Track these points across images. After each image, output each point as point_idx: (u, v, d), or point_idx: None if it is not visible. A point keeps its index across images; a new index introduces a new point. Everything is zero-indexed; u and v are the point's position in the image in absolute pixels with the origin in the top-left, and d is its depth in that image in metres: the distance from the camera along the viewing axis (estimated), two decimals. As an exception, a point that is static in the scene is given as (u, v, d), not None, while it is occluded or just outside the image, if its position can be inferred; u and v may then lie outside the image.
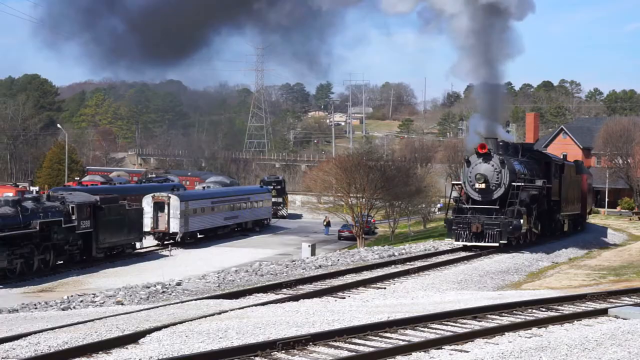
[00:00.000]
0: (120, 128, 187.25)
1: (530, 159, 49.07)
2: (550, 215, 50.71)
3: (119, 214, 42.33)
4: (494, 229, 41.02)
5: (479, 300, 24.90)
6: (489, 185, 41.92)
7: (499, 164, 41.89)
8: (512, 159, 44.67)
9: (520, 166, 45.38)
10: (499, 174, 41.88)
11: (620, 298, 25.74)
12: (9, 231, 34.09)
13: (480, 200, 42.81)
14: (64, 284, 33.12)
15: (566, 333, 19.81)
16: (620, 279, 34.76)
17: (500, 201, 42.02)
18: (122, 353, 16.95)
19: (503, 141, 46.93)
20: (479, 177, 41.70)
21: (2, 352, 16.94)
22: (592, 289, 29.16)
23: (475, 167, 42.46)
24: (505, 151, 45.24)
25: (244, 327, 19.22)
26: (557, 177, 51.37)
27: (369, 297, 27.35)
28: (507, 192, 41.85)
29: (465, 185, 43.35)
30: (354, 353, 17.00)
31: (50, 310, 25.10)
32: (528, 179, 46.09)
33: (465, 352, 17.45)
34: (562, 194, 51.93)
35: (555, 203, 51.15)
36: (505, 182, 41.78)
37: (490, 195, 42.17)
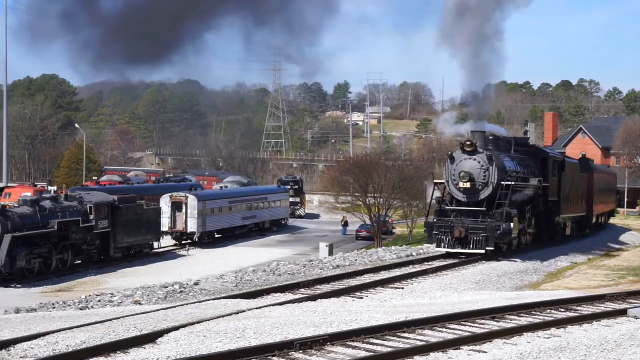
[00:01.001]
0: (138, 128, 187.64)
1: (525, 155, 44.28)
2: (548, 217, 45.63)
3: (137, 214, 42.41)
4: (479, 234, 36.51)
5: (498, 301, 24.85)
6: (475, 185, 37.51)
7: (487, 161, 37.45)
8: (502, 155, 40.46)
9: (511, 163, 40.95)
10: (486, 171, 37.42)
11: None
12: (27, 231, 34.22)
13: (465, 202, 38.31)
14: (82, 284, 33.23)
15: (585, 334, 19.77)
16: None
17: (487, 202, 37.60)
18: (140, 353, 16.99)
19: (493, 135, 43.43)
20: (464, 176, 37.09)
21: (21, 352, 17.01)
22: (611, 290, 29.05)
23: (459, 164, 37.91)
24: (496, 146, 41.09)
25: (261, 327, 19.23)
26: (557, 176, 46.08)
27: (386, 297, 27.33)
28: (496, 192, 37.38)
29: (449, 184, 38.66)
30: (372, 353, 16.98)
31: (68, 310, 25.18)
32: (521, 178, 41.53)
33: (484, 352, 17.42)
34: (562, 193, 46.50)
35: (554, 204, 45.82)
36: (493, 181, 37.38)
37: (476, 196, 37.78)
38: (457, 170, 37.94)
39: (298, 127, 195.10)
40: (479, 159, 37.71)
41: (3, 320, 22.21)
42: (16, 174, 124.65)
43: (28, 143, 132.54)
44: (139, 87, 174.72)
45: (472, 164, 37.68)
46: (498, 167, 37.76)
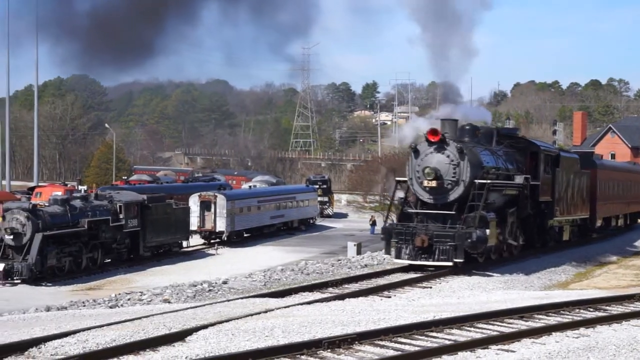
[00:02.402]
0: (167, 127, 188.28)
1: (511, 149, 37.66)
2: (539, 221, 38.87)
3: (166, 213, 42.57)
4: (446, 242, 30.03)
5: (526, 300, 24.78)
6: (443, 183, 31.22)
7: (457, 155, 31.17)
8: (479, 148, 33.94)
9: (490, 157, 34.38)
10: (456, 167, 31.13)
11: (670, 299, 25.47)
12: (58, 230, 34.41)
13: (432, 204, 31.96)
14: (111, 282, 33.38)
15: (614, 333, 19.70)
16: (670, 280, 34.41)
17: (458, 205, 31.29)
18: (169, 351, 17.06)
19: (471, 125, 36.50)
20: (429, 172, 30.78)
21: (52, 349, 17.11)
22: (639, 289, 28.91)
23: (424, 159, 31.65)
24: (473, 137, 34.99)
25: (289, 326, 19.26)
26: (550, 172, 39.02)
27: (414, 297, 27.29)
28: (469, 192, 31.19)
29: (412, 182, 32.39)
30: (400, 352, 16.97)
31: (98, 308, 25.31)
32: (503, 175, 34.99)
33: (512, 352, 17.39)
34: (557, 193, 39.50)
35: (547, 205, 38.93)
36: (465, 179, 31.07)
37: (444, 197, 31.54)
38: (421, 165, 31.65)
39: (326, 126, 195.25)
40: (448, 153, 31.43)
41: (34, 318, 22.36)
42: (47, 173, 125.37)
43: (58, 142, 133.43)
44: (168, 87, 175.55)
45: (440, 159, 31.42)
46: (471, 162, 31.49)
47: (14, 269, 32.85)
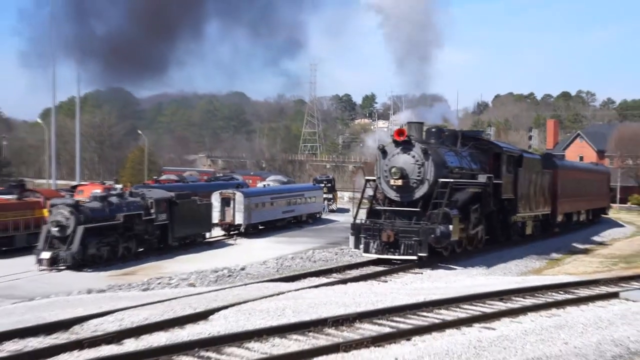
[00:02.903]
0: (192, 133, 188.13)
1: (475, 150, 36.45)
2: (503, 217, 37.65)
3: (191, 208, 42.55)
4: (410, 237, 28.82)
5: (505, 284, 24.84)
6: (409, 182, 30.11)
7: (422, 155, 30.04)
8: (443, 149, 32.85)
9: (454, 158, 33.30)
10: (421, 167, 30.00)
11: (630, 283, 25.54)
12: (97, 223, 34.46)
13: (398, 201, 30.89)
14: (144, 269, 33.40)
15: (582, 313, 19.76)
16: (630, 266, 34.43)
17: (424, 202, 30.16)
18: (195, 328, 17.13)
19: (437, 127, 35.72)
20: (395, 172, 29.75)
21: (92, 327, 17.18)
22: (605, 275, 28.94)
23: (391, 159, 30.61)
24: (438, 139, 33.94)
25: (299, 307, 19.32)
26: (512, 172, 37.61)
27: (408, 281, 27.35)
28: (433, 191, 30.07)
29: (380, 181, 31.41)
30: (395, 330, 17.05)
31: (132, 291, 25.37)
32: (467, 174, 33.91)
33: (493, 329, 17.47)
34: (519, 191, 38.16)
35: (510, 202, 37.67)
36: (429, 178, 29.99)
37: (410, 195, 30.28)
38: (388, 165, 30.63)
39: (330, 132, 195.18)
40: (414, 153, 30.26)
41: (77, 299, 22.44)
42: (87, 173, 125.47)
43: (97, 147, 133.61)
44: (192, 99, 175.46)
45: (405, 159, 30.27)
46: (435, 162, 30.36)
47: (59, 257, 32.94)
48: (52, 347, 15.13)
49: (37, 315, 18.63)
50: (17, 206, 41.34)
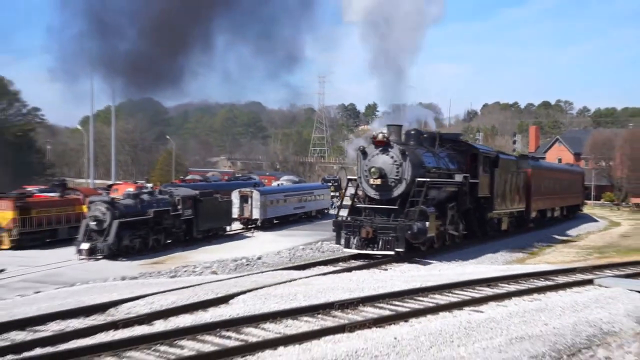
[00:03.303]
0: (214, 138, 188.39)
1: (453, 151, 34.76)
2: (479, 214, 35.99)
3: (214, 205, 42.55)
4: (388, 233, 27.29)
5: (492, 272, 24.82)
6: (387, 181, 28.45)
7: (400, 156, 28.41)
8: (421, 150, 31.09)
9: (432, 158, 31.52)
10: (399, 167, 28.33)
11: (604, 271, 25.48)
12: (130, 217, 34.53)
13: (378, 199, 29.17)
14: (171, 258, 33.45)
15: (560, 298, 19.77)
16: (604, 256, 34.40)
17: (401, 200, 28.44)
18: (217, 311, 17.16)
19: (416, 130, 33.36)
20: (374, 172, 28.20)
21: (126, 309, 17.22)
22: (581, 264, 28.92)
23: (371, 160, 28.96)
24: (417, 141, 32.11)
25: (309, 292, 19.34)
26: (488, 172, 35.89)
27: (405, 270, 27.29)
28: (410, 189, 28.40)
29: (361, 180, 29.66)
30: (394, 312, 17.09)
31: (161, 278, 25.43)
32: (444, 174, 32.17)
33: (481, 312, 17.48)
34: (495, 189, 36.48)
35: (486, 200, 36.02)
36: (406, 177, 28.26)
37: (389, 193, 28.59)
38: (368, 165, 28.90)
39: (337, 137, 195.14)
40: (392, 154, 28.58)
41: (112, 285, 22.50)
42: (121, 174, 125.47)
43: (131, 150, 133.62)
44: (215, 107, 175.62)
45: (384, 159, 28.55)
46: (412, 162, 28.64)
47: (97, 248, 33.03)
48: (90, 328, 15.21)
49: (77, 299, 18.70)
50: (59, 203, 41.55)
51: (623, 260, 30.00)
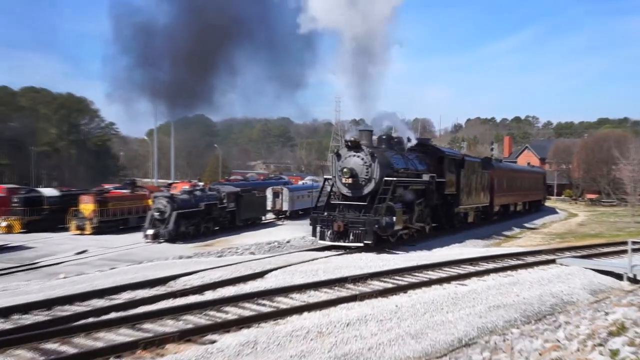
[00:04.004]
0: (252, 146, 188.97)
1: (422, 154, 32.06)
2: (447, 208, 33.32)
3: (252, 199, 42.66)
4: (358, 227, 25.03)
5: (474, 253, 24.71)
6: (358, 180, 26.20)
7: (369, 158, 26.19)
8: (390, 153, 28.55)
9: (400, 160, 28.82)
10: (368, 167, 26.09)
11: (564, 253, 25.28)
12: (186, 209, 34.69)
13: (350, 196, 26.70)
14: (218, 242, 33.55)
15: (529, 274, 19.67)
16: (564, 240, 34.16)
17: (371, 197, 26.09)
18: (254, 284, 17.22)
19: (387, 135, 30.55)
20: (346, 172, 25.99)
21: (182, 282, 17.30)
22: (546, 247, 28.71)
23: (344, 161, 26.69)
24: (389, 145, 29.56)
25: (327, 269, 19.35)
26: (454, 172, 33.32)
27: (404, 251, 27.24)
28: (379, 188, 26.06)
29: (336, 179, 27.26)
30: (396, 285, 17.08)
31: (210, 257, 25.51)
32: (412, 174, 29.39)
33: (465, 285, 17.44)
34: (461, 187, 33.97)
35: (453, 196, 33.47)
36: (375, 177, 25.97)
37: (360, 191, 26.28)
38: (341, 166, 26.60)
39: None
40: (362, 156, 26.30)
41: (172, 263, 22.60)
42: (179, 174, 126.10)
43: (186, 155, 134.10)
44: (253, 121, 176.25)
45: (355, 161, 26.31)
46: (381, 163, 26.31)
47: (159, 234, 33.21)
48: (154, 297, 15.30)
49: (144, 273, 18.81)
50: (130, 197, 41.85)
51: (580, 244, 29.78)
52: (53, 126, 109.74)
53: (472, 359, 11.35)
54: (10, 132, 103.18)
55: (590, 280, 19.19)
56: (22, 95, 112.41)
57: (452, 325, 13.75)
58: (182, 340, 11.76)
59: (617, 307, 12.51)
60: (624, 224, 46.19)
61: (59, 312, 13.96)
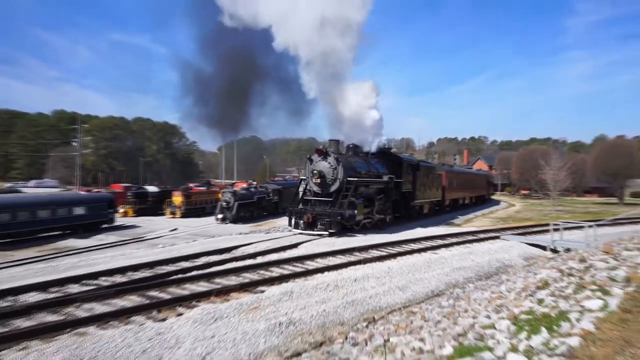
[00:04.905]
0: (290, 158, 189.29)
1: (385, 160, 28.40)
2: (405, 203, 29.85)
3: (289, 194, 42.36)
4: (323, 218, 22.33)
5: (443, 231, 24.49)
6: (326, 180, 23.44)
7: (335, 162, 23.37)
8: (355, 159, 25.25)
9: (363, 164, 25.53)
10: (334, 170, 23.28)
11: (506, 231, 24.97)
12: (244, 200, 34.80)
13: (320, 193, 23.83)
14: (266, 223, 33.61)
15: (481, 246, 19.46)
16: (506, 223, 33.65)
17: (337, 194, 23.23)
18: (291, 251, 17.23)
19: (354, 144, 26.74)
20: (315, 173, 23.47)
21: (240, 250, 17.35)
22: (493, 227, 28.40)
23: (315, 165, 23.87)
24: (355, 152, 26.25)
25: (340, 243, 19.30)
26: (411, 174, 29.91)
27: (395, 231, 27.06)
28: (343, 186, 23.21)
29: (308, 180, 24.56)
30: (388, 253, 16.96)
31: (260, 234, 25.50)
32: (375, 175, 26.14)
33: (436, 254, 17.27)
34: (417, 186, 30.54)
35: (410, 194, 30.04)
36: (340, 178, 23.22)
37: (327, 189, 23.49)
38: (312, 169, 23.98)
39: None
40: (329, 161, 23.53)
41: (234, 237, 22.65)
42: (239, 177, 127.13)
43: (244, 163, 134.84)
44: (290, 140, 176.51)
45: (323, 164, 23.60)
46: (345, 166, 23.44)
47: (226, 217, 33.36)
48: (222, 260, 15.39)
49: (215, 244, 18.92)
50: (206, 192, 42.06)
51: (517, 225, 29.44)
52: (154, 144, 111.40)
53: (441, 304, 11.26)
54: (126, 148, 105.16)
55: (524, 250, 18.96)
56: (133, 123, 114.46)
57: (427, 281, 13.67)
58: (241, 290, 11.82)
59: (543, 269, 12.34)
60: (547, 212, 45.48)
61: (158, 270, 14.11)
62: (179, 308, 10.43)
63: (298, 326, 9.96)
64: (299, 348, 9.07)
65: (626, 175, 60.83)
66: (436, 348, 6.57)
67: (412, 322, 9.27)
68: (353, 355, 7.80)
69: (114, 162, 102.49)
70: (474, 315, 8.30)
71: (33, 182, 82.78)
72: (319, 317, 10.46)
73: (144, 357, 8.25)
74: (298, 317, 10.28)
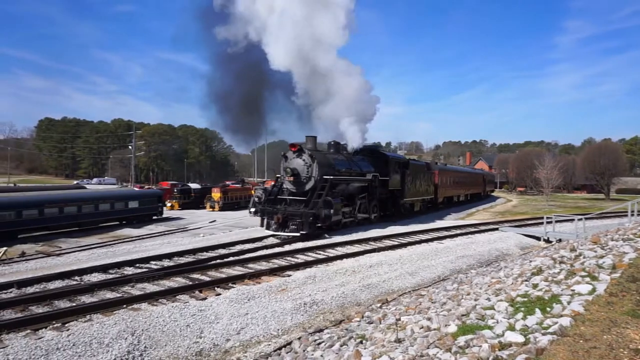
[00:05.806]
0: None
1: (372, 158, 23.52)
2: (394, 201, 24.95)
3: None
4: (295, 219, 17.67)
5: (448, 224, 24.19)
6: (300, 178, 19.16)
7: (310, 159, 18.96)
8: (334, 156, 20.64)
9: (344, 162, 20.86)
10: (309, 167, 18.92)
11: (504, 224, 24.56)
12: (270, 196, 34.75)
13: (294, 192, 19.62)
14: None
15: (482, 236, 19.19)
16: (504, 216, 33.05)
17: (312, 193, 18.75)
18: (314, 240, 17.08)
19: (335, 142, 22.24)
20: (288, 171, 19.22)
21: (271, 240, 17.35)
22: (492, 220, 27.95)
23: (289, 162, 19.59)
24: (337, 150, 21.70)
25: (359, 234, 19.21)
26: (398, 172, 24.79)
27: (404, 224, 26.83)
28: (318, 185, 18.76)
29: (283, 177, 20.10)
30: (399, 243, 16.83)
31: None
32: (357, 173, 21.38)
33: (442, 243, 17.10)
34: (406, 185, 25.56)
35: (399, 191, 25.07)
36: (315, 175, 18.82)
37: (302, 187, 19.17)
38: (287, 166, 19.50)
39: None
40: (304, 158, 19.09)
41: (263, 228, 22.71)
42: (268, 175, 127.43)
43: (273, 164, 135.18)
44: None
45: (298, 162, 19.21)
46: (320, 164, 19.01)
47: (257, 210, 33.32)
48: (255, 248, 15.45)
49: (248, 234, 19.01)
50: (241, 189, 42.30)
51: (514, 218, 28.93)
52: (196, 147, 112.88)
53: (446, 288, 11.13)
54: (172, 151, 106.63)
55: (520, 240, 18.62)
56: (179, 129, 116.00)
57: (434, 267, 13.53)
58: (271, 274, 11.88)
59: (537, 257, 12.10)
60: (541, 206, 44.55)
61: (200, 256, 14.27)
62: (217, 289, 10.52)
63: (320, 306, 9.99)
64: (321, 325, 9.13)
65: (612, 174, 59.43)
66: (442, 326, 6.52)
67: (421, 304, 9.20)
68: (368, 332, 7.79)
69: (162, 163, 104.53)
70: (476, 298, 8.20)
71: (95, 180, 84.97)
72: (338, 298, 10.46)
73: (188, 331, 8.39)
74: (320, 298, 10.30)
